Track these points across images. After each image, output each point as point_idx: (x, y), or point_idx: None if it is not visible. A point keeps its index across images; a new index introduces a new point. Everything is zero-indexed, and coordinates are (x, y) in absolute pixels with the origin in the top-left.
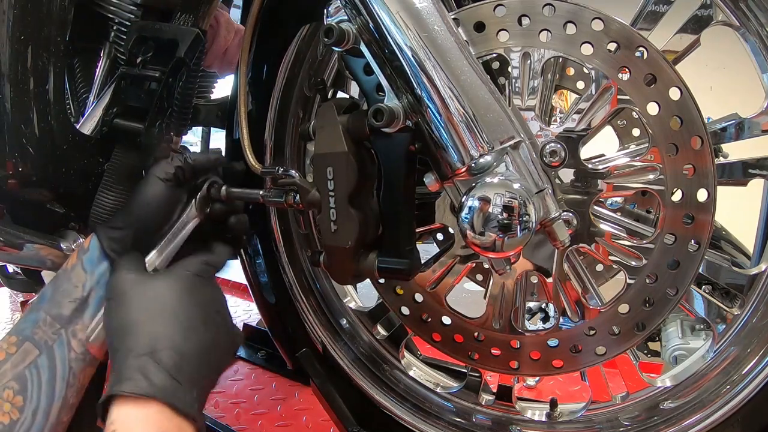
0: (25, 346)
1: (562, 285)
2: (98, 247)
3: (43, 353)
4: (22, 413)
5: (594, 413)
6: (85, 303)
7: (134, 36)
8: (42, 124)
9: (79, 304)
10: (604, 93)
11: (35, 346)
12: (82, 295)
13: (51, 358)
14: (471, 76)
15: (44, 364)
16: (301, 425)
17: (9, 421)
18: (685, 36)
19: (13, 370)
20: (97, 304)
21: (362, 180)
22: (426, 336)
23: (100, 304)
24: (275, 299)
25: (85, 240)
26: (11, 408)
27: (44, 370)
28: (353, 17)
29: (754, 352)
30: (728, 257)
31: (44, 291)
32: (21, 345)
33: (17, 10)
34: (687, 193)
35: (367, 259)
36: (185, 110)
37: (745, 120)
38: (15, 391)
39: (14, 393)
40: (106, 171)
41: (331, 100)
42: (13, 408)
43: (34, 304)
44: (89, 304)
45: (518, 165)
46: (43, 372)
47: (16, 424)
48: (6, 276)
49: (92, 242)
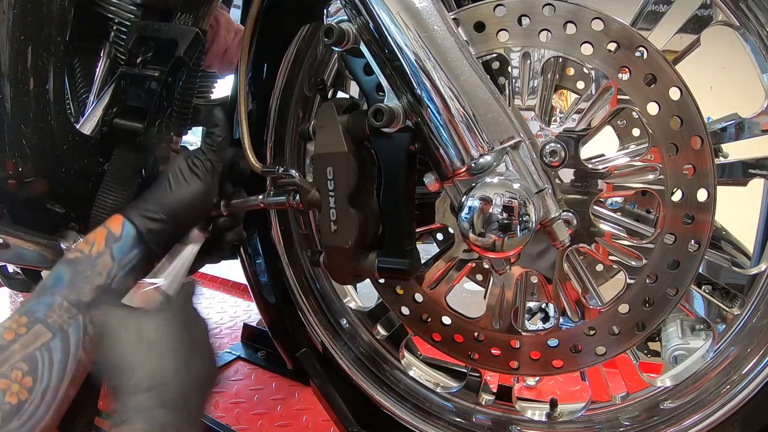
0: (37, 328)
1: (562, 285)
2: (133, 236)
3: (57, 337)
4: (31, 393)
5: (594, 413)
6: (108, 289)
7: (134, 36)
8: (42, 124)
9: (102, 291)
10: (604, 93)
11: (48, 329)
12: (106, 282)
13: (65, 341)
14: (471, 76)
15: (57, 347)
16: (301, 425)
17: (17, 401)
18: (685, 36)
19: (22, 351)
20: (117, 287)
21: (362, 180)
22: (426, 336)
23: (120, 287)
24: (275, 299)
25: (110, 225)
26: (20, 389)
27: (57, 352)
28: (353, 17)
29: (754, 352)
30: (728, 257)
31: (59, 274)
32: (32, 327)
33: (17, 10)
34: (687, 193)
35: (367, 259)
36: (185, 110)
37: (745, 120)
38: (24, 372)
39: (23, 374)
40: (106, 171)
41: (331, 100)
42: (21, 389)
43: (47, 287)
44: (111, 289)
45: (518, 165)
46: (55, 354)
47: (24, 404)
48: (6, 276)
49: (126, 231)
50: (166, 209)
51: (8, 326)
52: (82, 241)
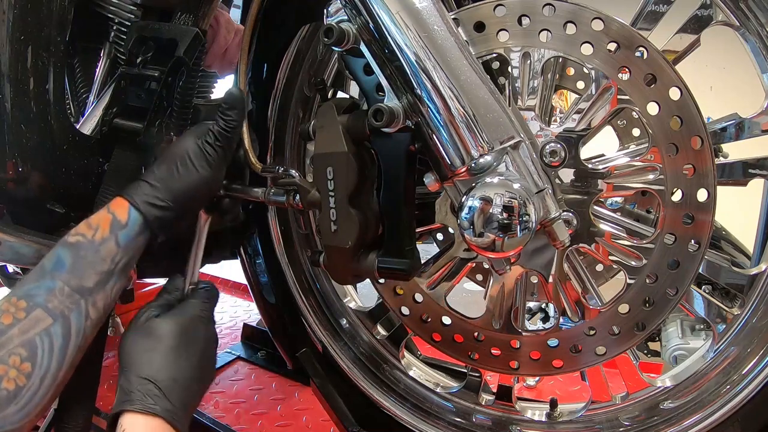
0: (36, 312)
1: (562, 285)
2: (140, 223)
3: (58, 322)
4: (30, 379)
5: (594, 413)
6: (111, 274)
7: (134, 36)
8: (42, 124)
9: (105, 276)
10: (604, 93)
11: (48, 314)
12: (110, 268)
13: (66, 327)
14: (471, 76)
15: (58, 332)
16: (301, 425)
17: (14, 387)
18: (685, 36)
19: (21, 336)
20: (120, 272)
21: (362, 180)
22: (426, 336)
23: (123, 272)
24: (275, 299)
25: (115, 210)
26: (17, 374)
27: (57, 337)
28: (353, 17)
29: (754, 352)
30: (728, 257)
31: (59, 257)
32: (31, 311)
33: (17, 10)
34: (687, 193)
35: (367, 259)
36: (185, 110)
37: (745, 120)
38: (22, 358)
39: (21, 359)
40: (106, 171)
41: (331, 100)
42: (19, 374)
43: (47, 270)
44: (114, 274)
45: (518, 165)
46: (56, 339)
47: (22, 390)
48: (6, 276)
49: (132, 218)
50: (173, 196)
51: (5, 309)
52: (83, 224)
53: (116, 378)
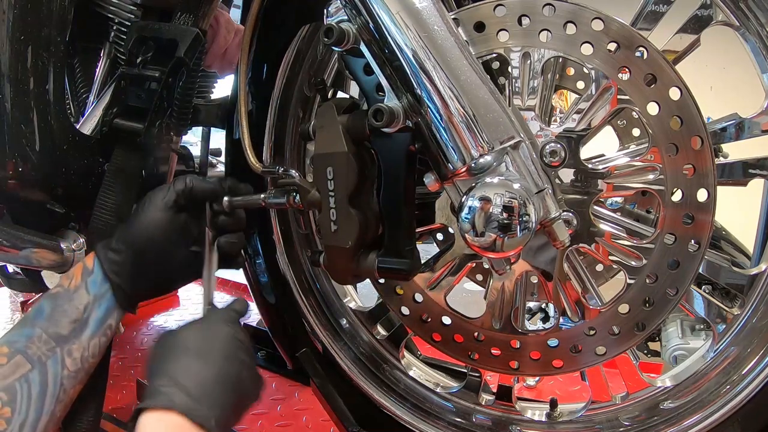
0: (17, 359)
1: (562, 285)
2: (101, 269)
3: (36, 368)
4: (9, 424)
5: (594, 413)
6: (85, 324)
7: (134, 36)
8: (42, 124)
9: (79, 325)
10: (604, 93)
11: (27, 361)
12: (83, 317)
13: (43, 374)
14: (471, 76)
15: (36, 379)
16: (301, 425)
17: None
18: (685, 36)
19: (2, 380)
20: (95, 324)
21: (362, 180)
22: (426, 336)
23: (98, 325)
24: (275, 299)
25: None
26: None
27: (35, 385)
28: (353, 17)
29: (754, 352)
30: (728, 257)
31: (41, 307)
32: (12, 357)
33: (17, 10)
34: (687, 193)
35: (367, 259)
36: (185, 110)
37: (745, 120)
38: (3, 402)
39: (2, 404)
40: (106, 171)
41: (331, 100)
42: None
43: (29, 318)
44: (88, 324)
45: (518, 165)
46: (33, 386)
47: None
48: (6, 276)
49: (96, 264)
50: (125, 239)
51: None
52: (64, 275)
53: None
